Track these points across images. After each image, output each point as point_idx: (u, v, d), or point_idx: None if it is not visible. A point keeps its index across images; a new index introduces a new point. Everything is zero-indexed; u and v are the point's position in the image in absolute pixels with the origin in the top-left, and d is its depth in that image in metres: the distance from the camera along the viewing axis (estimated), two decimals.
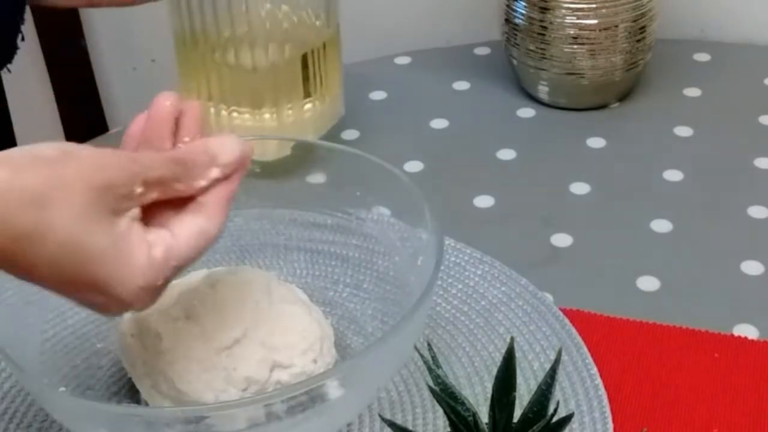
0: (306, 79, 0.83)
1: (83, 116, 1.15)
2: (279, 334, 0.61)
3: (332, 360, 0.63)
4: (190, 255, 0.53)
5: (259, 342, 0.61)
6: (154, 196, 0.52)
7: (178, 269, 0.53)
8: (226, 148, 0.54)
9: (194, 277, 0.65)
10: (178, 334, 0.61)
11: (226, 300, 0.62)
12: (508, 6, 0.91)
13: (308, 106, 0.84)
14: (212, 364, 0.60)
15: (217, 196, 0.54)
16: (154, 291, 0.52)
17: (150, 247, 0.51)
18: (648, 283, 0.73)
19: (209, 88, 0.83)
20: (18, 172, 0.48)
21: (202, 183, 0.53)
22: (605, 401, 0.63)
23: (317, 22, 0.83)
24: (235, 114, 0.82)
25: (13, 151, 0.49)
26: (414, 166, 0.86)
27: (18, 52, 0.80)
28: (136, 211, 0.51)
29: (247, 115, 0.82)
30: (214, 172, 0.54)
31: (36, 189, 0.48)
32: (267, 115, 0.82)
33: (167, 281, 0.52)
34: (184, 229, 0.53)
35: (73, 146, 0.50)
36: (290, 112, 0.82)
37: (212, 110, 0.83)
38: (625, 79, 0.91)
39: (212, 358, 0.60)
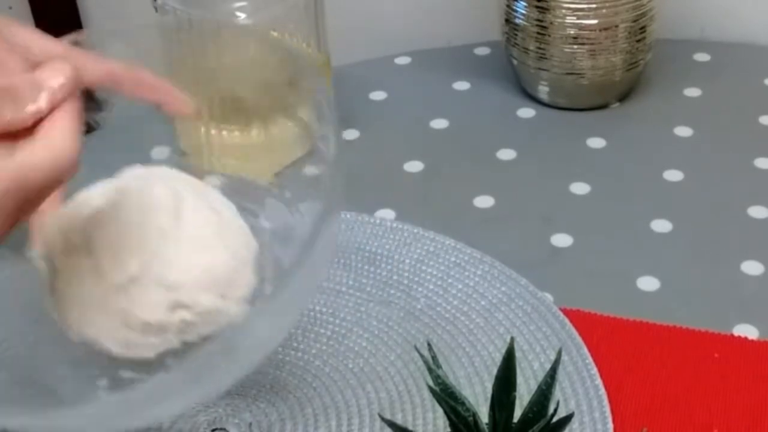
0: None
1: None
2: (181, 268, 0.55)
3: (248, 290, 0.57)
4: (28, 178, 0.47)
5: (158, 279, 0.55)
6: None
7: (15, 195, 0.46)
8: (52, 71, 0.50)
9: (111, 187, 0.59)
10: (72, 270, 0.55)
11: (125, 226, 0.56)
12: (508, 6, 0.91)
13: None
14: (108, 306, 0.54)
15: (57, 122, 0.49)
16: None
17: None
18: (648, 283, 0.73)
19: (199, 107, 0.83)
20: None
21: (31, 108, 0.48)
22: (605, 401, 0.63)
23: (308, 49, 0.84)
24: (224, 133, 0.83)
25: None
26: (414, 166, 0.86)
27: None
28: None
29: (236, 133, 0.83)
30: (43, 97, 0.49)
31: None
32: (254, 131, 0.82)
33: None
34: (22, 153, 0.47)
35: None
36: (277, 130, 0.83)
37: (202, 129, 0.84)
38: (625, 79, 0.92)
39: (107, 298, 0.54)
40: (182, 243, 0.56)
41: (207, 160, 0.78)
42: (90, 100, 0.62)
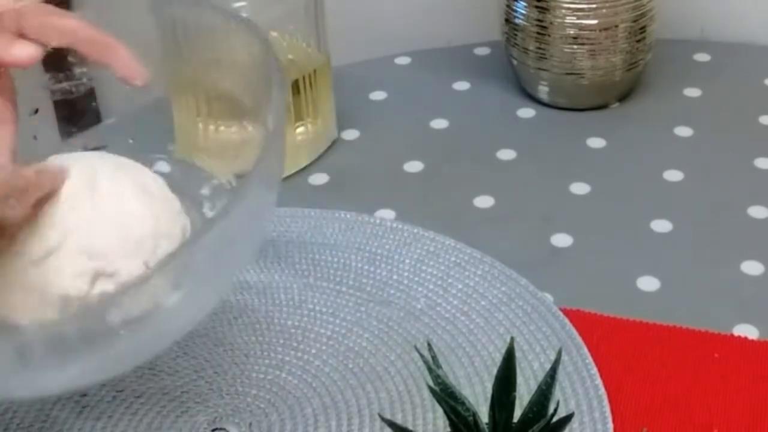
0: (298, 103, 0.83)
1: (77, 108, 1.15)
2: (100, 236, 0.52)
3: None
4: None
5: (78, 249, 0.52)
6: None
7: None
8: None
9: None
10: None
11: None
12: (508, 6, 0.91)
13: (300, 129, 0.85)
14: (25, 282, 0.52)
15: None
16: None
17: None
18: (648, 283, 0.73)
19: (197, 104, 0.83)
20: None
21: None
22: (605, 401, 0.63)
23: (308, 49, 0.83)
24: (222, 128, 0.83)
25: None
26: (414, 166, 0.86)
27: None
28: None
29: (234, 128, 0.82)
30: None
31: None
32: (251, 128, 0.82)
33: None
34: None
35: None
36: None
37: (200, 125, 0.84)
38: (625, 79, 0.92)
39: (25, 273, 0.52)
40: (99, 211, 0.54)
41: (204, 156, 0.78)
42: (55, 69, 0.62)
